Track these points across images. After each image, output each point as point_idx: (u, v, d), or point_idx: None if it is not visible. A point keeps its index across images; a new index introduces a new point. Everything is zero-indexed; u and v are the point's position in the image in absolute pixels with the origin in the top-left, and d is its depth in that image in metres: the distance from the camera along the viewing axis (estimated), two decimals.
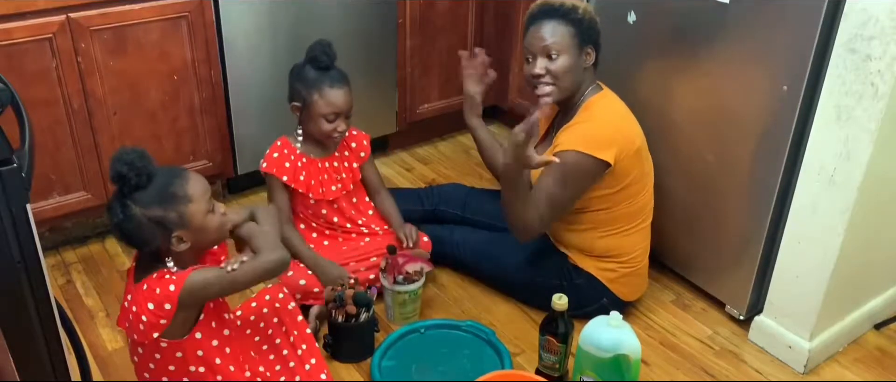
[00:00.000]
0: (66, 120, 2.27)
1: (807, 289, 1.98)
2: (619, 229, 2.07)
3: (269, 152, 2.23)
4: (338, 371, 2.01)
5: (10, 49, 2.10)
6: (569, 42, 1.97)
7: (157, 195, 1.54)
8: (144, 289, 1.57)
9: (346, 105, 2.15)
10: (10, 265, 1.16)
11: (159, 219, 1.54)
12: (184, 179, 1.58)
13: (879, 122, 1.71)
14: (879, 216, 1.95)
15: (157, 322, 1.56)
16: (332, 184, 2.26)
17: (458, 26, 3.04)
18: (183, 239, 1.58)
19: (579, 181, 1.95)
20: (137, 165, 1.51)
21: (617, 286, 2.14)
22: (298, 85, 2.16)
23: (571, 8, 1.97)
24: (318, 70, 2.14)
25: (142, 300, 1.56)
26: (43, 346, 1.26)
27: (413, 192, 2.57)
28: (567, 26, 1.97)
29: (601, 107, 2.01)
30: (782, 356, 2.08)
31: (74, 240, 2.54)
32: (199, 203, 1.59)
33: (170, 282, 1.56)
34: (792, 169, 1.95)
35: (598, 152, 1.91)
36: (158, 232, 1.55)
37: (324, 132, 2.16)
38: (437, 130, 3.30)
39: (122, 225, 1.54)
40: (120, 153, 1.52)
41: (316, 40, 2.16)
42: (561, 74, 1.98)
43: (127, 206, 1.53)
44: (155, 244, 1.57)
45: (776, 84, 1.90)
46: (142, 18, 2.28)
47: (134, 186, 1.52)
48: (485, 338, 2.09)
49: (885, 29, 1.64)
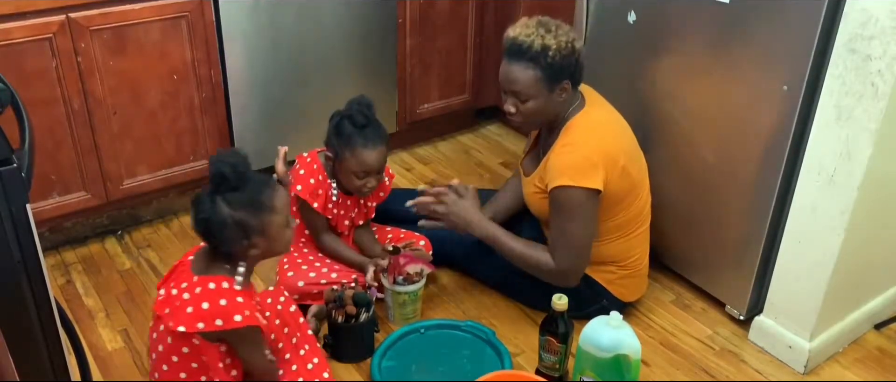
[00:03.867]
0: (66, 120, 2.27)
1: (807, 289, 1.98)
2: (617, 236, 2.07)
3: (305, 173, 2.16)
4: (338, 371, 2.01)
5: (10, 49, 2.10)
6: (537, 87, 1.90)
7: (247, 200, 1.60)
8: (211, 288, 1.58)
9: (378, 165, 2.12)
10: (10, 265, 1.17)
11: (243, 222, 1.59)
12: (273, 190, 1.65)
13: (879, 122, 1.71)
14: (879, 216, 1.95)
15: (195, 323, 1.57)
16: (346, 219, 2.27)
17: (458, 26, 3.04)
18: (256, 246, 1.63)
19: (580, 212, 1.94)
20: (239, 168, 1.58)
21: (616, 288, 2.14)
22: (334, 137, 2.13)
23: (541, 51, 1.87)
24: (355, 127, 2.10)
25: (201, 296, 1.57)
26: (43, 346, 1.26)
27: (411, 193, 2.56)
28: (535, 70, 1.88)
29: (583, 129, 1.96)
30: (782, 356, 2.08)
31: (74, 240, 2.54)
32: (281, 215, 1.65)
33: (240, 310, 1.57)
34: (792, 169, 1.95)
35: (585, 182, 1.90)
36: (239, 235, 1.60)
37: (353, 187, 2.16)
38: (437, 130, 3.30)
39: (209, 220, 1.59)
40: (224, 154, 1.60)
41: (356, 97, 2.12)
42: (530, 114, 1.96)
43: (216, 203, 1.58)
44: (232, 245, 1.61)
45: (776, 84, 1.90)
46: (142, 18, 2.28)
47: (231, 187, 1.58)
48: (485, 338, 2.09)
49: (885, 29, 1.64)
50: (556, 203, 1.95)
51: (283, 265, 2.21)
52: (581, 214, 1.95)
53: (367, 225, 2.35)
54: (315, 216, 2.20)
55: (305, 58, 2.66)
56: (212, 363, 1.64)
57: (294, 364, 1.82)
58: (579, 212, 1.94)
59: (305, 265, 2.19)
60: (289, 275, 2.15)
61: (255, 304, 1.65)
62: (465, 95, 3.23)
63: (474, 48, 3.12)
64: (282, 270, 2.19)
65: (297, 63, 2.65)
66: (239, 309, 1.58)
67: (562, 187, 1.92)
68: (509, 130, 3.34)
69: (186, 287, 1.61)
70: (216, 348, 1.63)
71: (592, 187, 1.90)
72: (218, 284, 1.59)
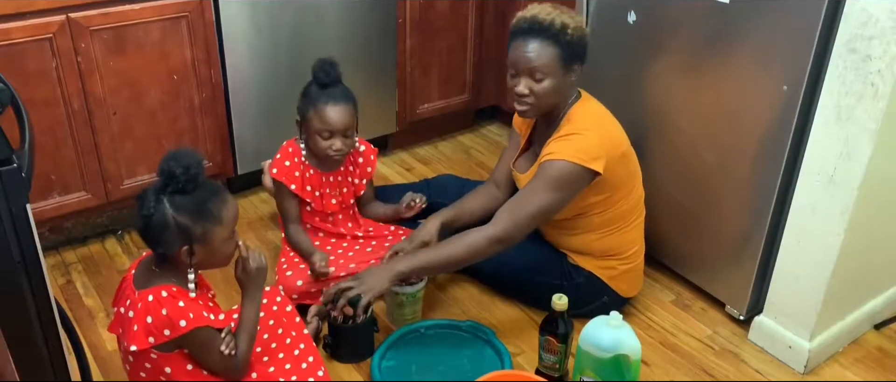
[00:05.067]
0: (66, 120, 2.27)
1: (807, 289, 1.98)
2: (616, 228, 2.08)
3: (280, 157, 2.23)
4: (338, 371, 2.01)
5: (10, 49, 2.10)
6: (555, 65, 1.90)
7: (193, 205, 1.53)
8: (150, 301, 1.55)
9: (342, 124, 2.13)
10: (10, 265, 1.16)
11: (185, 228, 1.54)
12: (222, 200, 1.58)
13: (879, 122, 1.71)
14: (879, 216, 1.95)
15: (145, 338, 1.55)
16: (332, 198, 2.27)
17: (458, 26, 3.04)
18: (194, 253, 1.57)
19: (568, 188, 1.93)
20: (192, 171, 1.51)
21: (617, 283, 2.14)
22: (301, 101, 2.18)
23: (561, 28, 1.88)
24: (321, 87, 2.14)
25: (143, 311, 1.55)
26: (43, 346, 1.26)
27: (406, 188, 2.56)
28: (555, 48, 1.89)
29: (584, 116, 1.98)
30: (782, 356, 2.08)
31: (74, 240, 2.54)
32: (226, 228, 1.59)
33: (183, 315, 1.54)
34: (792, 169, 1.95)
35: (590, 163, 1.89)
36: (178, 239, 1.54)
37: (320, 150, 2.16)
38: (436, 129, 3.30)
39: (150, 218, 1.53)
40: (178, 153, 1.52)
41: (319, 58, 2.16)
42: (544, 95, 1.94)
43: (161, 202, 1.52)
44: (169, 248, 1.56)
45: (776, 84, 1.90)
46: (142, 18, 2.28)
47: (178, 188, 1.52)
48: (485, 338, 2.09)
49: (885, 29, 1.64)
50: (545, 173, 1.91)
51: (282, 265, 2.21)
52: (564, 189, 1.91)
53: (371, 202, 2.37)
54: (288, 203, 2.23)
55: (305, 58, 2.64)
56: (177, 372, 1.63)
57: (287, 363, 1.82)
58: (565, 187, 1.91)
59: (303, 265, 2.19)
60: (287, 275, 2.15)
61: (201, 304, 1.60)
62: (465, 95, 3.23)
63: (474, 48, 3.13)
64: (280, 269, 2.19)
65: (297, 63, 2.64)
66: (182, 314, 1.54)
67: (562, 159, 1.89)
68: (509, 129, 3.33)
69: (130, 305, 1.58)
70: (177, 356, 1.62)
71: (594, 169, 1.90)
72: (156, 295, 1.55)
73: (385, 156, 3.14)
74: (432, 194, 2.48)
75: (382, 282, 1.92)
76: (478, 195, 2.27)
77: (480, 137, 3.35)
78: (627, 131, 2.08)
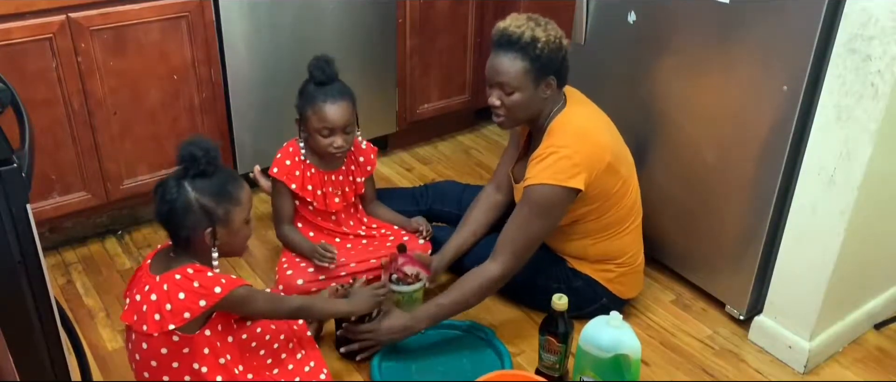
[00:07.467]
0: (66, 120, 2.27)
1: (807, 289, 1.98)
2: (611, 233, 2.07)
3: (281, 156, 2.23)
4: (338, 371, 2.01)
5: (10, 49, 2.10)
6: (523, 79, 1.89)
7: (214, 188, 1.60)
8: (177, 279, 1.57)
9: (341, 121, 2.13)
10: (10, 265, 1.16)
11: (209, 209, 1.59)
12: (239, 183, 1.67)
13: (879, 122, 1.71)
14: (879, 216, 1.95)
15: (180, 315, 1.56)
16: (335, 196, 2.27)
17: (458, 26, 3.04)
18: (217, 237, 1.62)
19: (554, 211, 1.94)
20: (212, 153, 1.59)
21: (615, 286, 2.14)
22: (299, 100, 2.18)
23: (530, 42, 1.87)
24: (318, 85, 2.14)
25: (173, 289, 1.56)
26: (43, 346, 1.26)
27: (407, 192, 2.57)
28: (523, 62, 1.88)
29: (563, 131, 1.95)
30: (782, 356, 2.08)
31: (74, 240, 2.54)
32: (244, 210, 1.66)
33: (216, 282, 1.58)
34: (792, 169, 1.95)
35: (568, 182, 1.89)
36: (203, 221, 1.60)
37: (320, 147, 2.17)
38: (436, 129, 3.30)
39: (174, 204, 1.58)
40: (195, 139, 1.61)
41: (315, 56, 2.17)
42: (514, 108, 1.94)
43: (183, 187, 1.59)
44: (194, 231, 1.60)
45: (776, 84, 1.90)
46: (142, 18, 2.28)
47: (200, 171, 1.58)
48: (485, 338, 2.09)
49: (885, 29, 1.64)
50: (530, 200, 1.93)
51: (283, 264, 2.21)
52: (551, 213, 1.94)
53: (373, 201, 2.38)
54: (284, 202, 2.24)
55: (305, 58, 2.64)
56: (197, 353, 1.62)
57: (290, 364, 1.82)
58: (551, 211, 1.93)
59: (304, 263, 2.19)
60: (288, 273, 2.16)
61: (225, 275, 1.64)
62: (465, 95, 3.23)
63: (474, 48, 3.13)
64: (281, 268, 2.20)
65: (297, 63, 2.64)
66: (215, 281, 1.58)
67: (541, 184, 1.90)
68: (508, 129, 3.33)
69: (149, 290, 1.59)
70: (200, 336, 1.62)
71: (573, 187, 1.89)
72: (183, 273, 1.58)
73: (385, 156, 3.14)
74: (432, 201, 2.49)
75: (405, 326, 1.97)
76: (478, 211, 2.26)
77: (480, 137, 3.35)
78: (627, 132, 2.08)
